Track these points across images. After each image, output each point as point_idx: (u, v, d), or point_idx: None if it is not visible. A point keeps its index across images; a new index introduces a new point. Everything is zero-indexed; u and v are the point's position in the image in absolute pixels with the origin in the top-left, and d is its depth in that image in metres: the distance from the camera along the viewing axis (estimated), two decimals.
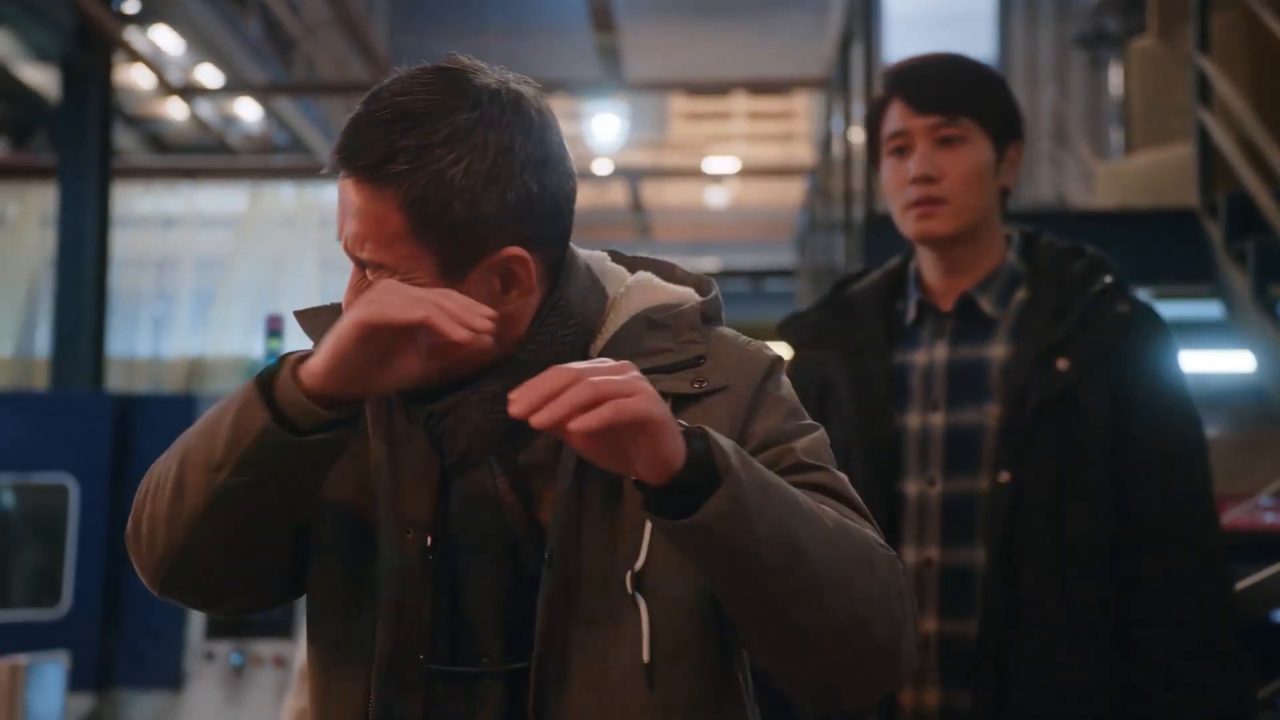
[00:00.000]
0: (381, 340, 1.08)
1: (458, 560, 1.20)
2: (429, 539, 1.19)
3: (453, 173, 1.13)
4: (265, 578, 1.22)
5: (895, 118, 1.85)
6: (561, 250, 1.21)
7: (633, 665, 1.15)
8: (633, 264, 1.31)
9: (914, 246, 1.92)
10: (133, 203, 7.66)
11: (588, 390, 1.02)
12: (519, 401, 1.02)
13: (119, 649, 4.86)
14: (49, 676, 3.16)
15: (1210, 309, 4.78)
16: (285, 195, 7.56)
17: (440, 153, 1.13)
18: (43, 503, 4.99)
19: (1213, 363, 5.75)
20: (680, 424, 1.07)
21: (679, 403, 1.18)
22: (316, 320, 1.23)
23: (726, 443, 1.07)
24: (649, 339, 1.21)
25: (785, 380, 1.25)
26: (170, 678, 4.88)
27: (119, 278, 7.29)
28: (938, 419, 1.83)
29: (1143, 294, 4.97)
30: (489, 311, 1.09)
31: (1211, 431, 4.90)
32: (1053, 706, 1.72)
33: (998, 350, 1.83)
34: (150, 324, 7.71)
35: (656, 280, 1.27)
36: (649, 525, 1.16)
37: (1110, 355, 1.78)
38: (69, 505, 4.93)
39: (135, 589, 5.03)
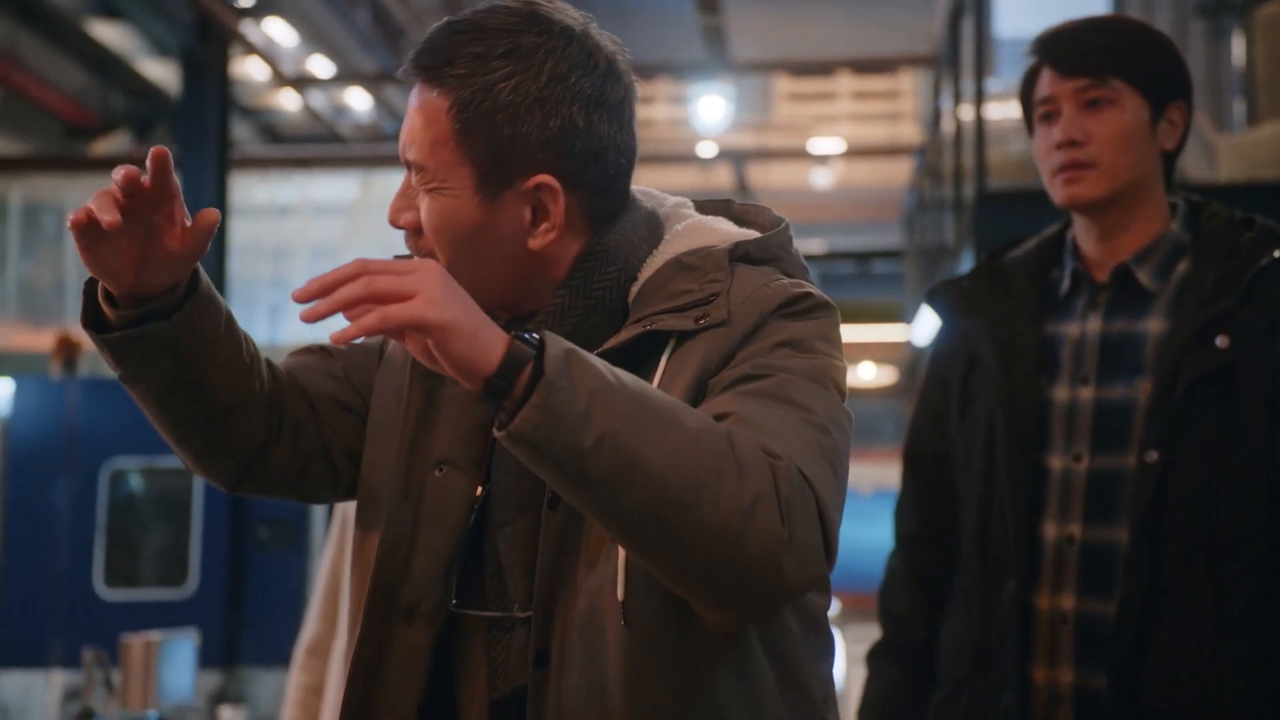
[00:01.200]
0: (85, 240, 1.13)
1: (496, 507, 1.22)
2: (479, 488, 1.22)
3: (503, 86, 1.17)
4: (210, 435, 1.26)
5: (1044, 84, 1.80)
6: (608, 201, 1.22)
7: (615, 603, 1.14)
8: (704, 208, 1.30)
9: (1071, 214, 1.85)
10: (249, 192, 7.85)
11: (357, 289, 1.03)
12: (301, 290, 1.04)
13: (244, 627, 5.00)
14: (181, 652, 3.26)
15: None
16: (396, 182, 7.66)
17: (497, 64, 1.17)
18: (169, 486, 5.14)
19: None
20: (516, 333, 1.05)
21: (681, 339, 1.17)
22: None
23: (559, 349, 1.04)
24: (676, 282, 1.20)
25: (816, 316, 1.19)
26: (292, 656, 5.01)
27: (237, 266, 7.47)
28: (1087, 393, 1.77)
29: None
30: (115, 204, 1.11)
31: None
32: (1191, 696, 1.67)
33: (1155, 324, 1.76)
34: (267, 311, 7.89)
35: (711, 224, 1.26)
36: None
37: (1273, 333, 1.68)
38: (193, 488, 5.08)
39: (258, 570, 5.16)
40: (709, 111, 11.34)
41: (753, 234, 1.24)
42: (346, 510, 2.75)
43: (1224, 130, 10.10)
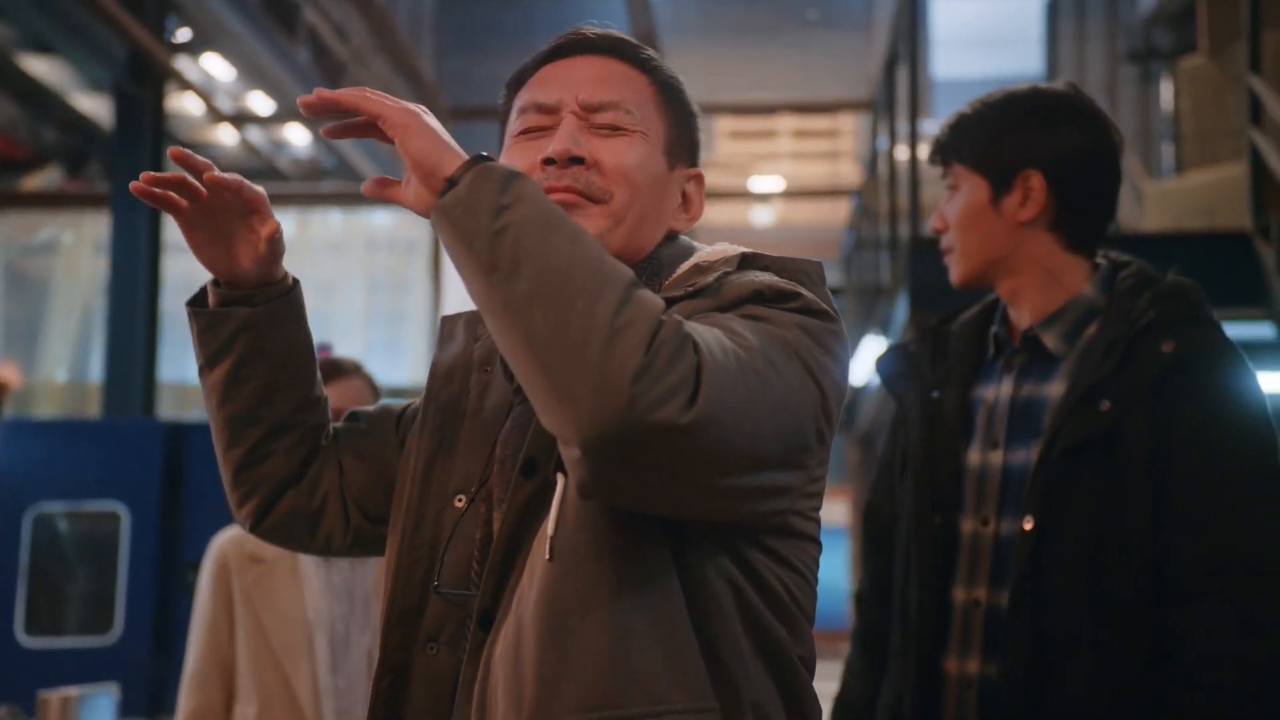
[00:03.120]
0: (182, 225, 1.33)
1: (494, 496, 1.27)
2: (471, 499, 1.28)
3: (681, 85, 1.36)
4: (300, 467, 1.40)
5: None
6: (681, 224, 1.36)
7: (544, 540, 1.17)
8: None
9: None
10: None
11: (353, 91, 1.18)
12: (306, 97, 1.18)
13: (170, 676, 4.91)
14: (100, 708, 3.19)
15: (1262, 329, 4.70)
16: (333, 221, 7.63)
17: (673, 70, 1.36)
18: (94, 530, 5.04)
19: (1265, 384, 5.66)
20: (485, 157, 1.14)
21: (670, 305, 1.19)
22: (451, 323, 1.43)
23: (506, 164, 1.14)
24: (688, 276, 1.27)
25: (791, 314, 1.19)
26: None
27: (171, 303, 7.38)
28: (995, 457, 1.80)
29: None
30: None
31: None
32: None
33: (1056, 388, 1.78)
34: None
35: (741, 248, 1.32)
36: None
37: (1155, 396, 1.67)
38: (121, 533, 4.99)
39: (185, 617, 5.06)
40: None
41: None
42: (224, 560, 2.66)
43: (1154, 175, 10.30)
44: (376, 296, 7.51)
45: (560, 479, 1.18)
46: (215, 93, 8.96)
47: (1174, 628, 1.64)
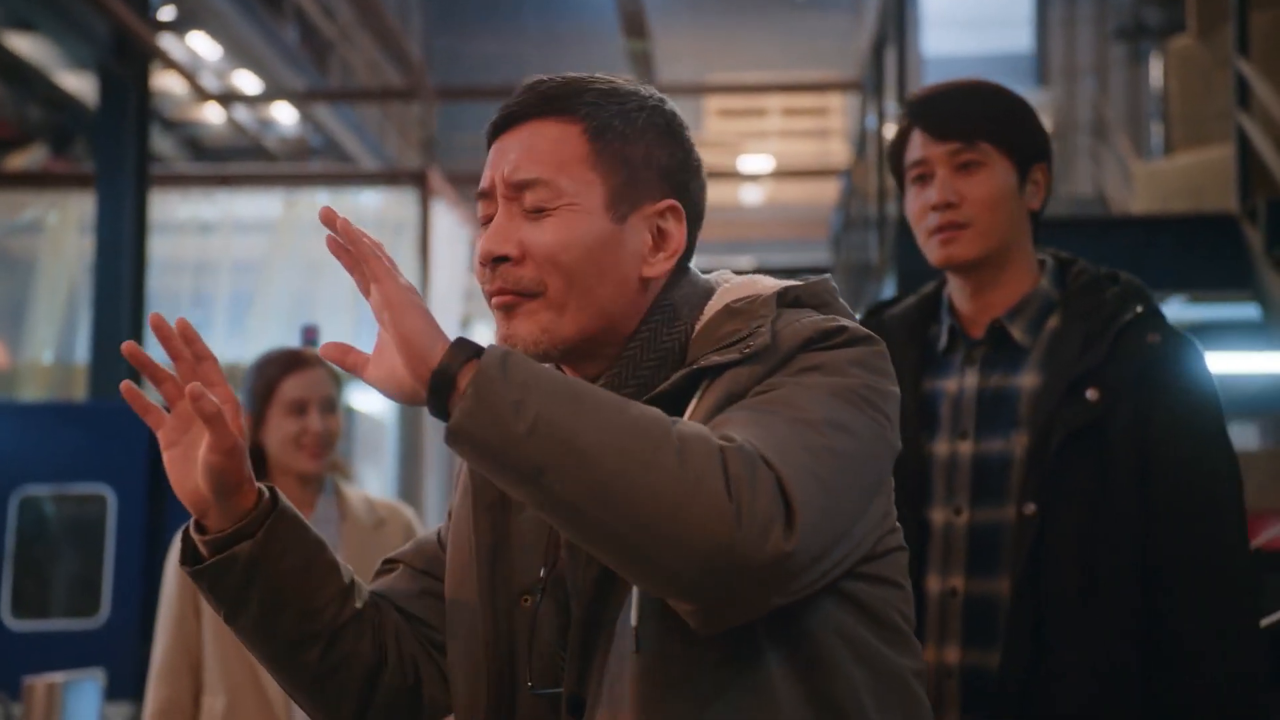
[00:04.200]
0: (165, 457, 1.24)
1: (566, 595, 1.22)
2: (539, 595, 1.23)
3: (636, 115, 1.25)
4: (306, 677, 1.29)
5: (916, 146, 1.86)
6: (691, 250, 1.29)
7: (629, 630, 1.15)
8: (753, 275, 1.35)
9: (945, 273, 1.91)
10: (170, 209, 7.72)
11: (368, 242, 1.12)
12: (332, 214, 1.12)
13: None
14: (85, 694, 3.19)
15: (1247, 310, 4.72)
16: (320, 201, 7.60)
17: (626, 97, 1.26)
18: (81, 513, 5.04)
19: (1249, 364, 5.68)
20: (459, 338, 1.09)
21: (715, 374, 1.18)
22: None
23: (496, 349, 1.08)
24: (725, 325, 1.22)
25: (852, 347, 1.19)
26: None
27: (156, 283, 7.35)
28: (966, 447, 1.82)
29: (1180, 299, 4.94)
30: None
31: (1251, 444, 4.85)
32: None
33: (1028, 379, 1.82)
34: None
35: (756, 278, 1.29)
36: None
37: (1139, 386, 1.75)
38: (107, 515, 4.98)
39: None
40: None
41: (782, 284, 1.27)
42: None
43: (1144, 153, 10.31)
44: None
45: None
46: (201, 71, 8.91)
47: (1158, 610, 1.71)
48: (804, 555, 1.06)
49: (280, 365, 2.64)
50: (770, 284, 1.26)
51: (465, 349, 1.08)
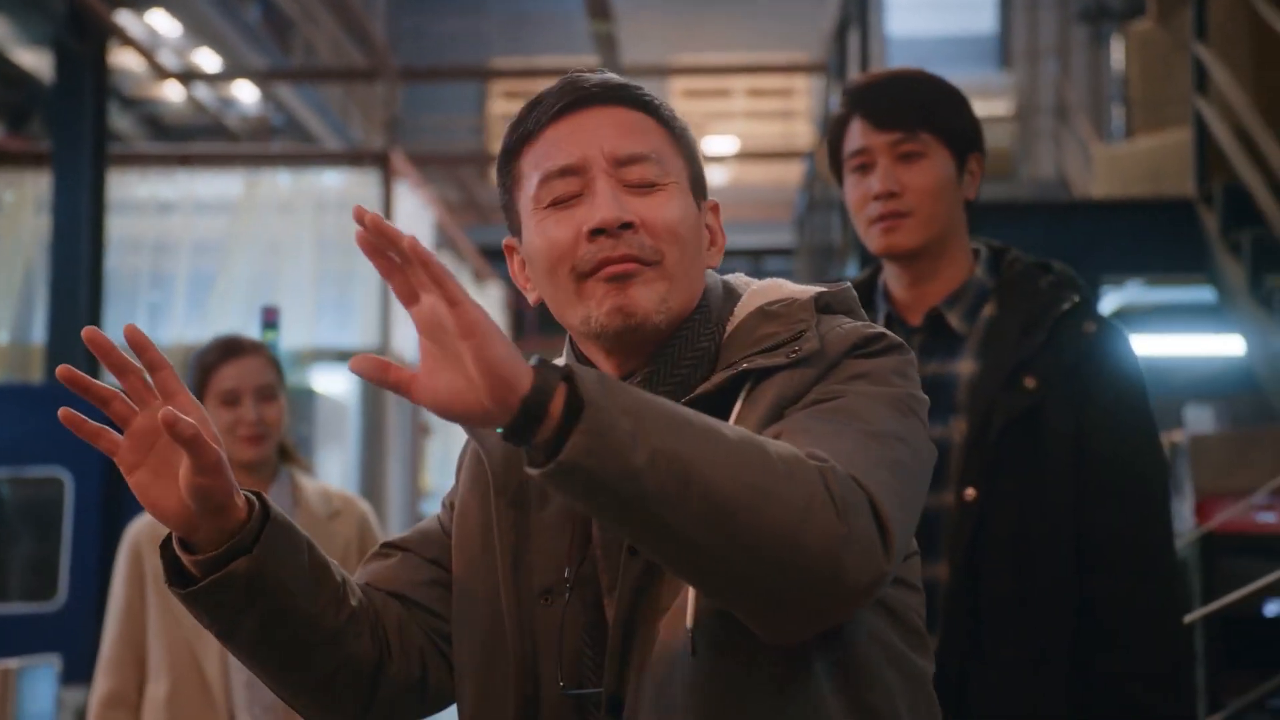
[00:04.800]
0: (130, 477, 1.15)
1: (601, 584, 1.20)
2: (567, 595, 1.21)
3: (681, 120, 1.29)
4: (318, 683, 1.25)
5: (856, 135, 1.87)
6: None
7: (682, 636, 1.13)
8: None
9: (880, 261, 1.93)
10: (129, 188, 7.64)
11: (422, 252, 1.01)
12: (374, 220, 1.01)
13: None
14: (41, 680, 3.17)
15: (1201, 293, 4.76)
16: (282, 181, 7.54)
17: (664, 103, 1.29)
18: (38, 496, 4.99)
19: (1203, 346, 5.74)
20: (545, 359, 1.04)
21: (769, 374, 1.18)
22: None
23: (588, 373, 1.02)
24: (763, 327, 1.22)
25: (890, 355, 1.20)
26: None
27: (115, 263, 7.27)
28: None
29: (1137, 283, 4.98)
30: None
31: (1206, 427, 4.90)
32: None
33: (965, 366, 1.85)
34: (147, 310, 7.70)
35: (783, 282, 1.29)
36: None
37: (1075, 375, 1.79)
38: (64, 499, 4.94)
39: None
40: None
41: (813, 289, 1.27)
42: (137, 546, 2.64)
43: (1105, 135, 10.36)
44: (326, 257, 7.43)
45: None
46: (160, 49, 8.80)
47: (1086, 592, 1.75)
48: (892, 572, 1.08)
49: (215, 355, 2.62)
50: (797, 288, 1.27)
51: (552, 373, 1.01)
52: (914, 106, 1.85)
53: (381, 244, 1.02)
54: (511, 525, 1.23)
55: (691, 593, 1.13)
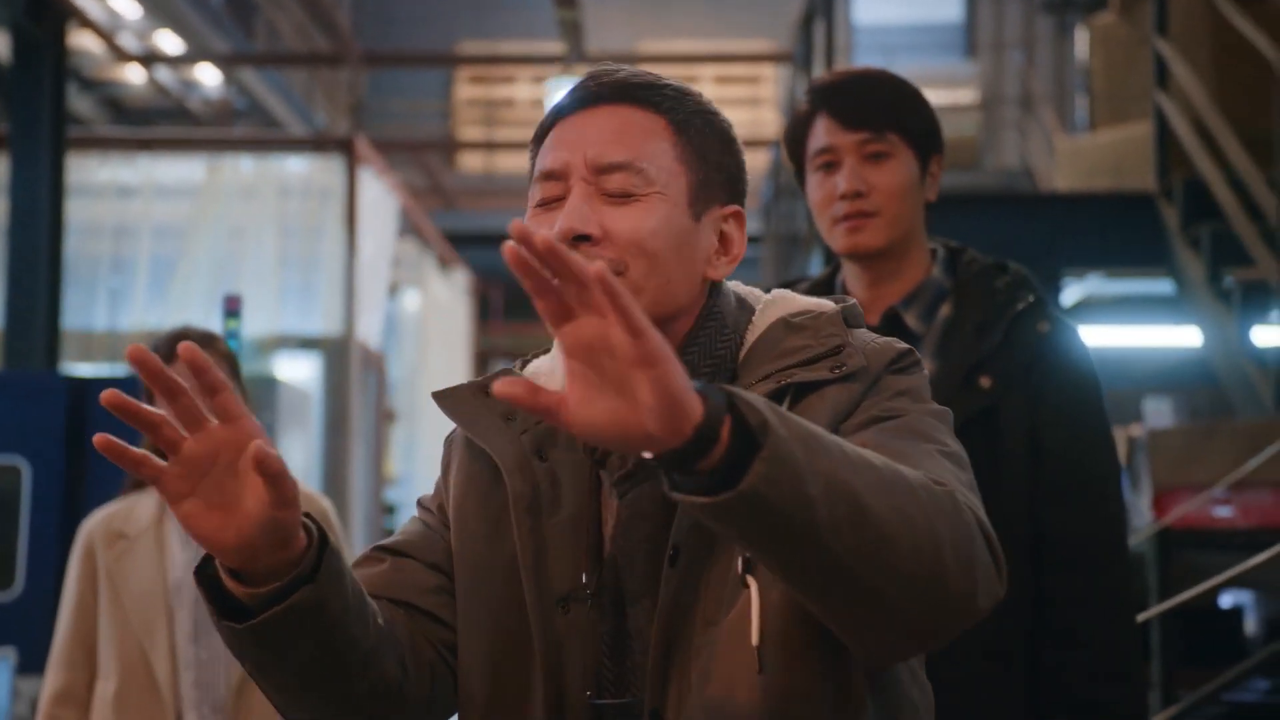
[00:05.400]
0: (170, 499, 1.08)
1: (624, 590, 1.19)
2: (589, 590, 1.19)
3: (709, 118, 1.26)
4: (348, 703, 1.21)
5: (821, 133, 1.87)
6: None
7: (744, 651, 1.13)
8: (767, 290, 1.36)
9: (839, 260, 1.94)
10: (88, 172, 7.55)
11: (594, 271, 0.95)
12: (524, 230, 0.94)
13: None
14: None
15: (1161, 285, 4.80)
16: (244, 167, 7.47)
17: (695, 98, 1.26)
18: None
19: (1161, 337, 5.80)
20: (704, 384, 1.00)
21: (814, 388, 1.18)
22: (456, 400, 1.27)
23: (757, 399, 1.00)
24: (789, 339, 1.22)
25: (917, 372, 1.23)
26: None
27: (74, 246, 7.19)
28: None
29: (1097, 276, 5.01)
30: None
31: (1165, 421, 4.94)
32: None
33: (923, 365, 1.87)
34: (107, 296, 7.62)
35: (793, 294, 1.29)
36: None
37: (1029, 373, 1.81)
38: (22, 488, 4.89)
39: None
40: None
41: (830, 304, 1.27)
42: (91, 542, 2.62)
43: (1069, 126, 10.42)
44: (289, 242, 7.37)
45: (753, 583, 1.13)
46: (120, 31, 8.70)
47: (1047, 593, 1.78)
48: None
49: (165, 353, 2.58)
50: (810, 301, 1.27)
51: (718, 398, 0.99)
52: (882, 107, 1.85)
53: (555, 268, 0.96)
54: (530, 531, 1.21)
55: (756, 608, 1.12)
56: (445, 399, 1.28)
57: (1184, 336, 5.31)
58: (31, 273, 6.23)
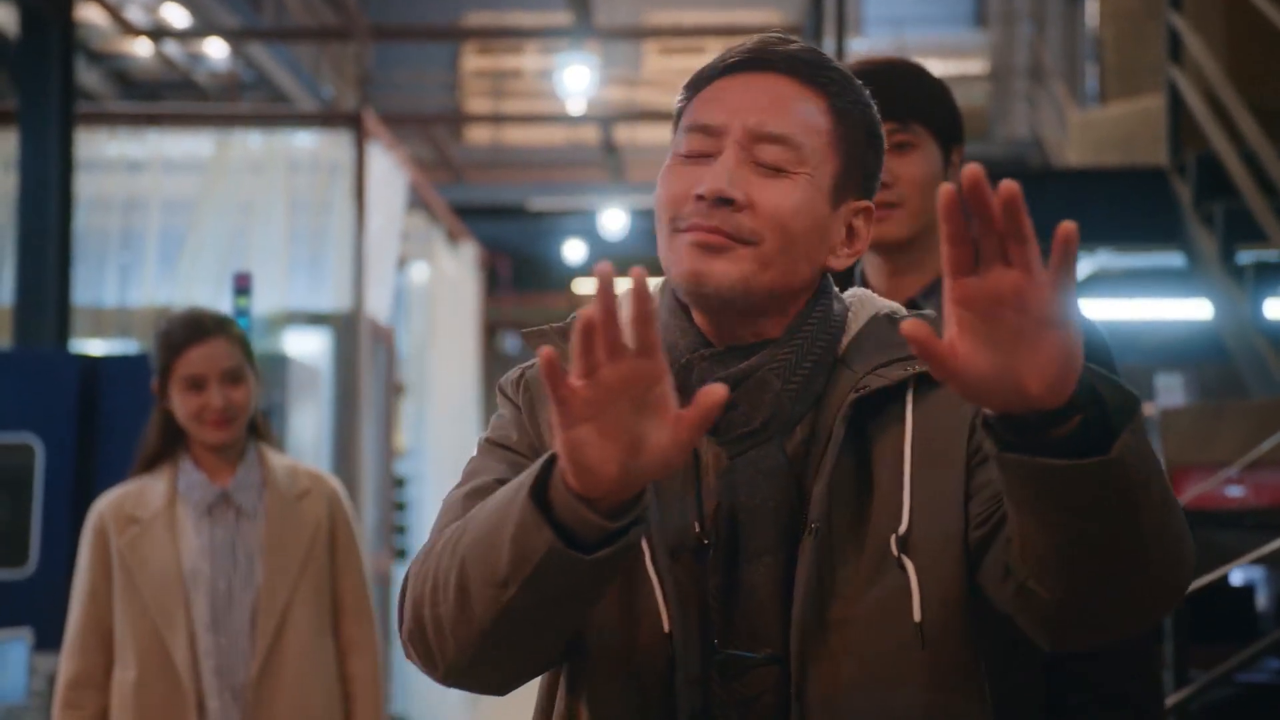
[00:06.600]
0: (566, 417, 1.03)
1: (741, 546, 1.20)
2: (705, 540, 1.20)
3: (865, 109, 1.26)
4: (552, 659, 1.22)
5: None
6: None
7: (898, 629, 1.16)
8: None
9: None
10: (97, 146, 7.54)
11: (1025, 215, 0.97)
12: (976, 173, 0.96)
13: None
14: (13, 654, 3.16)
15: (1171, 259, 4.78)
16: (253, 142, 7.45)
17: (856, 86, 1.26)
18: (8, 463, 4.95)
19: (1174, 310, 5.78)
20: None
21: (929, 383, 1.20)
22: (545, 340, 1.26)
23: (1100, 371, 1.05)
24: (894, 333, 1.24)
25: None
26: None
27: (83, 221, 7.19)
28: None
29: (1109, 252, 4.99)
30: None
31: (1176, 397, 4.93)
32: None
33: None
34: (117, 270, 7.62)
35: (872, 293, 1.32)
36: (907, 491, 1.18)
37: None
38: (35, 465, 4.90)
39: None
40: (575, 80, 11.24)
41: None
42: (102, 525, 2.62)
43: (1079, 97, 10.36)
44: (298, 217, 7.36)
45: (909, 563, 1.16)
46: (128, 4, 8.67)
47: None
48: None
49: (180, 336, 2.58)
50: (893, 303, 1.32)
51: (1086, 369, 1.02)
52: (907, 97, 1.84)
53: (995, 218, 0.97)
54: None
55: (916, 584, 1.15)
56: (534, 339, 1.27)
57: (1195, 310, 5.29)
58: (42, 249, 6.23)
